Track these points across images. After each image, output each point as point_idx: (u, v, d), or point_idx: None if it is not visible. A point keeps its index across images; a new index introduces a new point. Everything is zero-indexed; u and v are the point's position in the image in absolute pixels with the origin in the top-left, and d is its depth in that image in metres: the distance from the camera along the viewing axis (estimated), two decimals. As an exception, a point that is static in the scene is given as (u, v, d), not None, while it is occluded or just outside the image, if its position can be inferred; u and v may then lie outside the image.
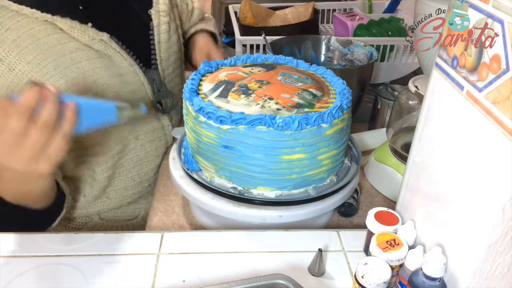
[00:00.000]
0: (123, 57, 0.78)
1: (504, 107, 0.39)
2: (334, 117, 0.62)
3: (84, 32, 0.71)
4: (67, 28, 0.69)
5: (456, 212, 0.48)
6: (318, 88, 0.69)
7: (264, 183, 0.64)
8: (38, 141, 0.50)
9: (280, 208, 0.64)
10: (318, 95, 0.67)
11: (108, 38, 0.74)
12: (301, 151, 0.61)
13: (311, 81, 0.71)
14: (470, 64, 0.44)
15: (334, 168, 0.68)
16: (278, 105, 0.63)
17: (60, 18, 0.69)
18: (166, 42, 0.86)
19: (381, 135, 0.91)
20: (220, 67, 0.76)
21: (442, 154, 0.51)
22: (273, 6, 1.58)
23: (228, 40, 1.68)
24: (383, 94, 1.03)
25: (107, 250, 0.62)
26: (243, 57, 0.78)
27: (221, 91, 0.67)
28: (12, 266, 0.59)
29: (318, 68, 0.75)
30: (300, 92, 0.67)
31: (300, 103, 0.64)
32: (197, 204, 0.68)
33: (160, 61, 0.86)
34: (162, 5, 0.86)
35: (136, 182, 0.87)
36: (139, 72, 0.81)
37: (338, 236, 0.65)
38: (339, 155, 0.68)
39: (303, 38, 1.11)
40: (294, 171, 0.63)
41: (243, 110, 0.61)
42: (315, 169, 0.64)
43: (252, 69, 0.75)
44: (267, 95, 0.65)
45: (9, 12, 0.65)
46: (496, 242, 0.43)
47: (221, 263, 0.60)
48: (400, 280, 0.53)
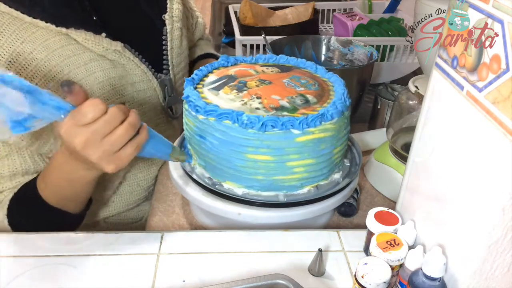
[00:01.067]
0: (137, 65, 0.78)
1: (504, 107, 0.39)
2: (309, 125, 0.59)
3: (98, 43, 0.71)
4: (81, 40, 0.69)
5: (456, 212, 0.48)
6: (318, 95, 0.66)
7: (232, 179, 0.64)
8: (119, 140, 0.54)
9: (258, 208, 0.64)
10: (311, 101, 0.65)
11: (122, 48, 0.74)
12: (267, 153, 0.60)
13: (316, 87, 0.68)
14: (470, 64, 0.44)
15: (311, 179, 0.65)
16: (260, 105, 0.63)
17: (74, 30, 0.68)
18: (178, 48, 0.86)
19: (381, 135, 0.91)
20: (238, 63, 0.77)
21: (442, 154, 0.51)
22: (273, 6, 1.58)
23: (228, 40, 1.68)
24: (383, 94, 1.03)
25: (107, 250, 0.62)
26: (265, 56, 0.78)
27: (218, 84, 0.68)
28: (12, 266, 0.59)
29: (332, 76, 0.73)
30: (294, 96, 0.65)
31: (284, 106, 0.63)
32: (194, 202, 0.68)
33: (172, 67, 0.86)
34: (176, 11, 0.86)
35: (142, 187, 0.87)
36: (152, 78, 0.81)
37: (338, 236, 0.65)
38: (319, 166, 0.64)
39: (303, 38, 1.11)
40: (260, 171, 0.62)
41: (226, 105, 0.62)
42: (285, 175, 0.62)
43: (266, 68, 0.74)
44: (258, 94, 0.65)
45: (23, 23, 0.65)
46: (496, 242, 0.43)
47: (221, 263, 0.60)
48: (400, 280, 0.53)
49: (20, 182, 0.68)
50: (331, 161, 0.66)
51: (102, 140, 0.53)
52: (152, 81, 0.81)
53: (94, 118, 0.52)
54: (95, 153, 0.53)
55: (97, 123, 0.52)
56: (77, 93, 0.51)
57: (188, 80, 0.68)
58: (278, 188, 0.64)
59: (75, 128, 0.52)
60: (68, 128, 0.52)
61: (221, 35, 1.80)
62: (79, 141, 0.52)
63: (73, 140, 0.52)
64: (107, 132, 0.53)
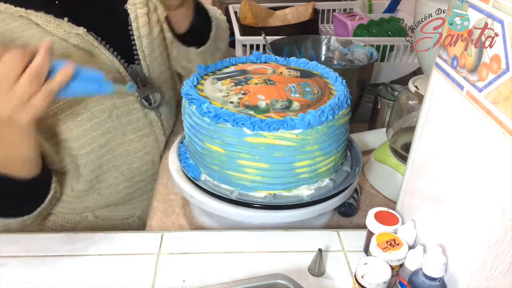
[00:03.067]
0: (102, 52, 0.77)
1: (504, 107, 0.39)
2: (262, 128, 0.58)
3: (59, 26, 0.70)
4: (42, 22, 0.69)
5: (456, 212, 0.48)
6: (306, 105, 0.64)
7: (197, 163, 0.68)
8: (26, 89, 0.51)
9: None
10: (292, 108, 0.63)
11: (85, 32, 0.73)
12: (219, 145, 0.62)
13: (313, 97, 0.66)
14: (470, 64, 0.44)
15: (266, 184, 0.63)
16: (236, 100, 0.64)
17: (34, 12, 0.68)
18: (147, 35, 0.84)
19: (381, 135, 0.91)
20: (269, 61, 0.79)
21: (442, 154, 0.51)
22: (273, 6, 1.58)
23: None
24: (383, 94, 1.03)
25: (107, 250, 0.62)
26: (298, 60, 0.77)
27: (225, 76, 0.72)
28: (12, 266, 0.59)
29: (343, 89, 0.68)
30: (279, 100, 0.64)
31: (258, 106, 0.63)
32: (190, 200, 0.68)
33: (143, 56, 0.84)
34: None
35: (126, 177, 0.86)
36: (119, 67, 0.80)
37: (338, 236, 0.65)
38: (275, 174, 0.62)
39: (303, 38, 1.11)
40: (215, 162, 0.64)
41: (210, 94, 0.66)
42: (236, 172, 0.63)
43: (289, 71, 0.74)
44: (247, 91, 0.66)
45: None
46: (496, 242, 0.43)
47: (221, 263, 0.60)
48: (400, 280, 0.53)
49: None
50: (292, 173, 0.63)
51: (8, 93, 0.51)
52: (119, 70, 0.80)
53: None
54: (4, 108, 0.51)
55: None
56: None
57: (201, 67, 0.71)
58: (232, 184, 0.65)
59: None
60: None
61: (221, 35, 1.80)
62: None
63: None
64: (11, 83, 0.51)
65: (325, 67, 0.76)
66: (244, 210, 0.63)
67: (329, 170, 0.66)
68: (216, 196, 0.64)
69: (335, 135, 0.63)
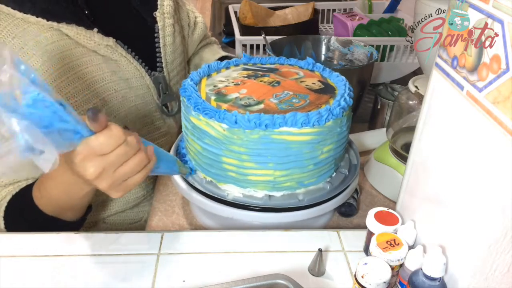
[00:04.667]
0: (129, 61, 0.77)
1: (504, 107, 0.39)
2: (199, 110, 0.61)
3: (90, 38, 0.71)
4: (73, 35, 0.69)
5: (456, 212, 0.48)
6: (277, 110, 0.62)
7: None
8: (131, 172, 0.53)
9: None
10: (252, 108, 0.62)
11: (114, 43, 0.74)
12: (195, 139, 0.64)
13: (295, 106, 0.63)
14: (470, 64, 0.44)
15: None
16: (230, 97, 0.65)
17: (65, 25, 0.68)
18: (171, 45, 0.86)
19: (381, 135, 0.91)
20: (315, 71, 0.77)
21: (442, 154, 0.51)
22: (273, 6, 1.58)
23: (228, 40, 1.68)
24: (383, 94, 1.03)
25: (107, 250, 0.62)
26: (333, 73, 0.74)
27: (240, 69, 0.75)
28: (12, 266, 0.59)
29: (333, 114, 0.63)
30: (252, 98, 0.64)
31: (245, 103, 0.63)
32: (194, 202, 0.68)
33: (165, 64, 0.86)
34: (167, 7, 0.85)
35: (140, 186, 0.86)
36: (145, 75, 0.81)
37: (338, 236, 0.65)
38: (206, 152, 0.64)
39: (303, 38, 1.11)
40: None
41: (217, 84, 0.69)
42: (216, 166, 0.64)
43: (313, 82, 0.70)
44: (247, 88, 0.67)
45: (15, 20, 0.65)
46: (496, 242, 0.43)
47: (221, 263, 0.60)
48: (400, 280, 0.53)
49: (17, 177, 0.67)
50: (220, 167, 0.64)
51: (115, 171, 0.51)
52: (145, 78, 0.81)
53: (113, 148, 0.50)
54: (107, 183, 0.52)
55: (114, 154, 0.50)
56: (101, 122, 0.48)
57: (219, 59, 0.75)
58: (211, 174, 0.67)
59: (92, 157, 0.49)
60: (84, 157, 0.49)
61: (221, 35, 1.80)
62: (93, 172, 0.49)
63: (87, 170, 0.50)
64: (122, 163, 0.51)
65: (342, 84, 0.70)
66: (240, 210, 0.64)
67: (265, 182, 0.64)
68: (213, 198, 0.65)
69: (266, 142, 0.60)
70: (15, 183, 0.68)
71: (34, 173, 0.68)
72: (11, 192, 0.68)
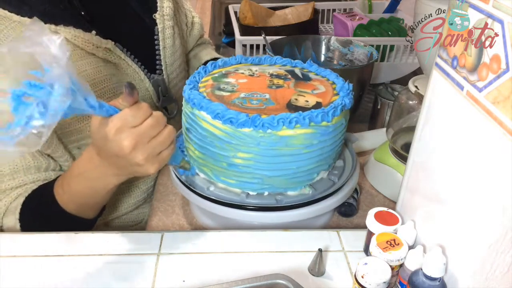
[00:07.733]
0: (128, 64, 0.77)
1: (504, 107, 0.39)
2: (192, 102, 0.63)
3: (88, 41, 0.70)
4: (70, 37, 0.68)
5: (456, 212, 0.48)
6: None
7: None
8: (163, 143, 0.56)
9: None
10: None
11: (113, 46, 0.74)
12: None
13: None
14: (470, 64, 0.44)
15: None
16: (223, 94, 0.66)
17: (63, 27, 0.68)
18: (171, 47, 0.85)
19: (381, 135, 0.91)
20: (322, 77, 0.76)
21: (442, 154, 0.51)
22: (273, 6, 1.58)
23: (228, 40, 1.68)
24: (383, 94, 1.03)
25: (107, 250, 0.62)
26: (344, 86, 0.71)
27: (254, 66, 0.76)
28: (12, 266, 0.59)
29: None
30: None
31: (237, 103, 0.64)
32: (194, 202, 0.68)
33: (165, 67, 0.85)
34: (166, 9, 0.85)
35: (141, 189, 0.86)
36: (144, 78, 0.80)
37: (338, 236, 0.65)
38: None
39: (303, 38, 1.11)
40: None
41: (217, 82, 0.70)
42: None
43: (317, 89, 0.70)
44: (245, 85, 0.68)
45: (12, 23, 0.64)
46: (496, 242, 0.43)
47: (221, 263, 0.60)
48: (400, 280, 0.53)
49: (23, 180, 0.68)
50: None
51: (149, 143, 0.55)
52: (144, 81, 0.81)
53: (143, 120, 0.54)
54: (142, 155, 0.54)
55: (144, 125, 0.54)
56: (135, 97, 0.53)
57: (238, 57, 0.76)
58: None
59: (125, 129, 0.53)
60: (117, 129, 0.52)
61: (221, 35, 1.80)
62: (129, 143, 0.53)
63: (122, 142, 0.53)
64: (153, 135, 0.55)
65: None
66: (240, 210, 0.64)
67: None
68: (211, 199, 0.65)
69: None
70: (23, 186, 0.68)
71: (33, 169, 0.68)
72: (23, 194, 0.67)
